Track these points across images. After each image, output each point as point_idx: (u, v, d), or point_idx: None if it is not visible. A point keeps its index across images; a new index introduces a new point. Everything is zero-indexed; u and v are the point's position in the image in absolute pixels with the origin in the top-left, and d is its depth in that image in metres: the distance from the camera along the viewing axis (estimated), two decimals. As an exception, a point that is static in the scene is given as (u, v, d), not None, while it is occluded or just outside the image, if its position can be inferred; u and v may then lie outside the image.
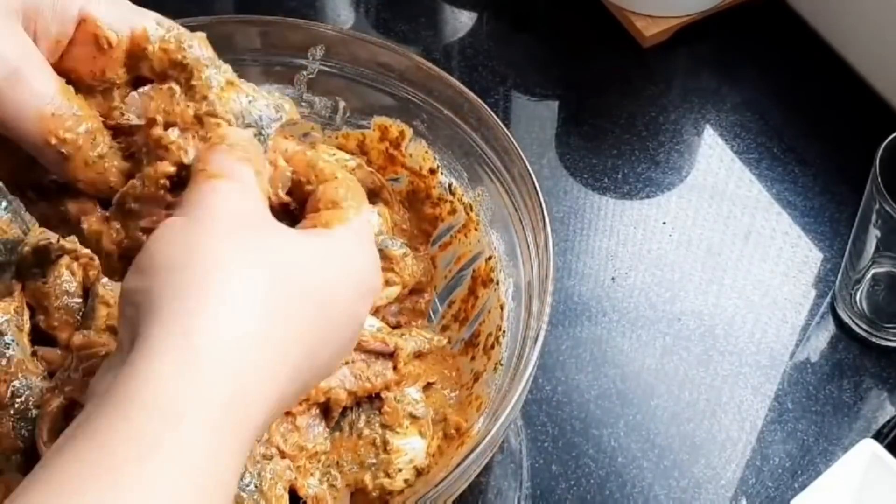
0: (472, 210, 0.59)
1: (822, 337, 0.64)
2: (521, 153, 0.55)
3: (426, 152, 0.60)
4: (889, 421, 0.60)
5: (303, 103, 0.61)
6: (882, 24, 0.71)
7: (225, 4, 0.84)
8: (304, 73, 0.61)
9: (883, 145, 0.56)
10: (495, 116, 0.56)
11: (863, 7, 0.72)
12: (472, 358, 0.56)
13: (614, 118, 0.75)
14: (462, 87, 0.57)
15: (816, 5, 0.77)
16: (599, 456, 0.59)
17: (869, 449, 0.54)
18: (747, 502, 0.57)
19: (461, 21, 0.81)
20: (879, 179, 0.54)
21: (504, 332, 0.54)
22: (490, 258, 0.57)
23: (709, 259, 0.67)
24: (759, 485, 0.58)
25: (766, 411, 0.61)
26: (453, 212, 0.60)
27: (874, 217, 0.56)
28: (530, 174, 0.54)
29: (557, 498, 0.57)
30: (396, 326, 0.58)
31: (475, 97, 0.57)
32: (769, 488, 0.58)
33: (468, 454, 0.45)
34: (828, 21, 0.77)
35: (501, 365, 0.53)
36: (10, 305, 0.53)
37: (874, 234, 0.57)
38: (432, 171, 0.60)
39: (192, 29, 0.42)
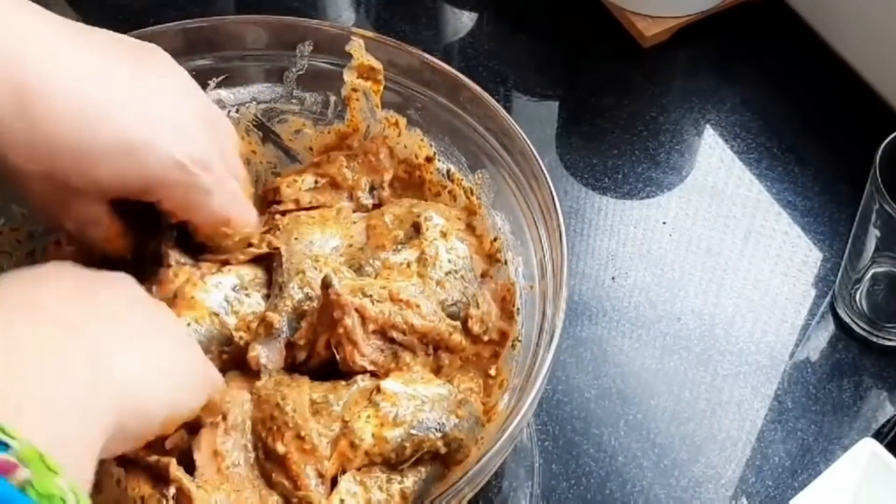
0: (472, 194, 0.59)
1: (822, 336, 0.64)
2: (521, 132, 0.54)
3: (421, 140, 0.60)
4: (889, 420, 0.60)
5: (293, 100, 0.61)
6: (882, 25, 0.71)
7: (225, 4, 0.84)
8: (294, 69, 0.61)
9: (882, 145, 0.56)
10: (491, 98, 0.56)
11: (863, 7, 0.72)
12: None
13: (614, 118, 0.75)
14: (455, 72, 0.57)
15: (816, 5, 0.77)
16: (600, 455, 0.59)
17: (869, 448, 0.54)
18: (747, 501, 0.57)
19: (462, 21, 0.81)
20: (879, 179, 0.54)
21: (518, 309, 0.54)
22: (496, 239, 0.57)
23: (709, 259, 0.67)
24: (759, 484, 0.58)
25: (766, 411, 0.61)
26: (454, 198, 0.59)
27: (874, 217, 0.56)
28: (533, 152, 0.54)
29: (558, 497, 0.57)
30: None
31: (468, 81, 0.57)
32: (769, 487, 0.58)
33: (493, 444, 0.45)
34: (828, 21, 0.77)
35: (520, 341, 0.53)
36: None
37: (874, 234, 0.57)
38: (429, 160, 0.60)
39: (192, 29, 0.42)
